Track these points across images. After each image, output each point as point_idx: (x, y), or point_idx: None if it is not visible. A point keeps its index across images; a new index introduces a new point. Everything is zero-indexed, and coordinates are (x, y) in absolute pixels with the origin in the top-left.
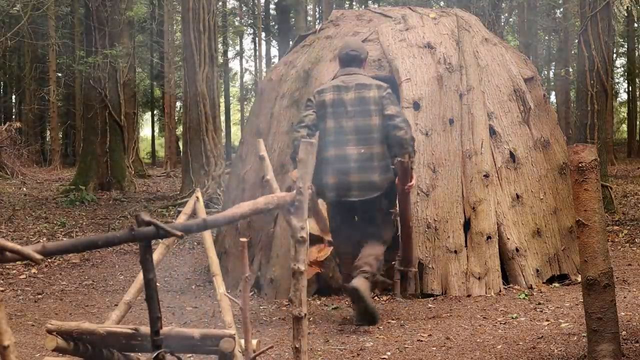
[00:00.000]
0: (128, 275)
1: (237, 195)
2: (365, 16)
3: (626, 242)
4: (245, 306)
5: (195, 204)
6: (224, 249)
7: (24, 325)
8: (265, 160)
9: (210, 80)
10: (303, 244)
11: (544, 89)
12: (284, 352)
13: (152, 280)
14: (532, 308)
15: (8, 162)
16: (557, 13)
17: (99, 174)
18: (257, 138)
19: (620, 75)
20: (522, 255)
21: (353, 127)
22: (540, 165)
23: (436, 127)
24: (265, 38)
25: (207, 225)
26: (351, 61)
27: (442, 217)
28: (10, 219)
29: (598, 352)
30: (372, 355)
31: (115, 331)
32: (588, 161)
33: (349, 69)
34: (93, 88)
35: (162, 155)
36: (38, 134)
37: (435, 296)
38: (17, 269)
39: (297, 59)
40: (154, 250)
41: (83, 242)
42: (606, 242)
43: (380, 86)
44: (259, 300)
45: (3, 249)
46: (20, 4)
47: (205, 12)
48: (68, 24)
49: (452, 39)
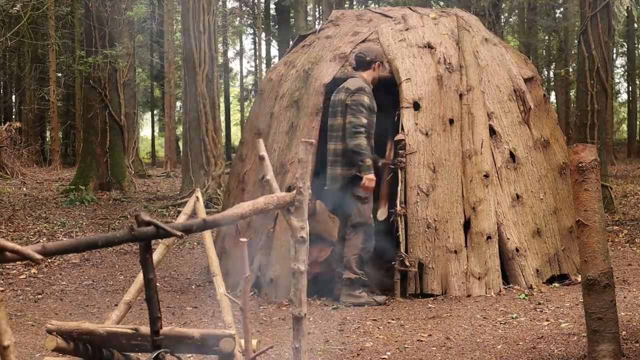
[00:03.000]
0: (128, 275)
1: (237, 195)
2: (365, 16)
3: (626, 242)
4: (245, 306)
5: (195, 204)
6: (224, 249)
7: (24, 325)
8: (265, 160)
9: (210, 80)
10: (303, 244)
11: (544, 89)
12: (284, 352)
13: (152, 280)
14: (532, 308)
15: (8, 162)
16: (557, 13)
17: (99, 174)
18: (257, 138)
19: (620, 75)
20: (522, 255)
21: (330, 125)
22: (540, 165)
23: (436, 127)
24: (265, 38)
25: (207, 225)
26: (356, 64)
27: (442, 217)
28: (10, 219)
29: (598, 352)
30: (372, 355)
31: (115, 331)
32: (588, 161)
33: (353, 71)
34: (93, 88)
35: (162, 155)
36: (38, 134)
37: (435, 296)
38: (17, 269)
39: (297, 59)
40: (154, 250)
41: (83, 242)
42: (606, 242)
43: (347, 90)
44: (259, 300)
45: (3, 249)
46: (20, 3)
47: (205, 12)
48: (68, 24)
49: (452, 39)
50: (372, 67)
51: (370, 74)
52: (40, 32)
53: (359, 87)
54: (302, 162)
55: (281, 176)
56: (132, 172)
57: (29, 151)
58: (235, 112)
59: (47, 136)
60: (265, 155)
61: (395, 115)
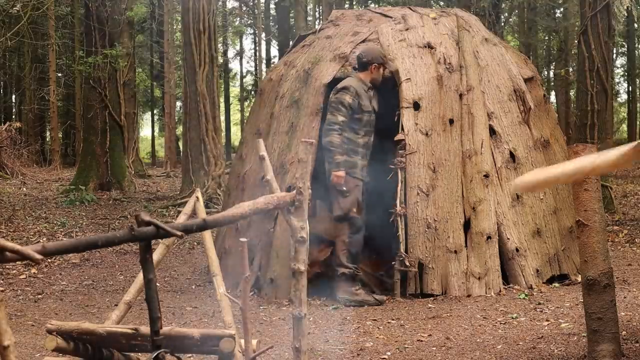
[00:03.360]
0: (128, 275)
1: (237, 195)
2: (365, 16)
3: (626, 242)
4: (245, 306)
5: (195, 204)
6: (224, 249)
7: (24, 325)
8: (265, 160)
9: (210, 80)
10: (303, 244)
11: (544, 89)
12: (284, 352)
13: (152, 280)
14: (532, 308)
15: (8, 162)
16: (557, 13)
17: (99, 174)
18: (257, 138)
19: (620, 75)
20: (522, 255)
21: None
22: (540, 165)
23: (436, 127)
24: (265, 38)
25: (207, 225)
26: (357, 64)
27: (442, 217)
28: (10, 219)
29: (598, 352)
30: (372, 355)
31: (115, 331)
32: None
33: (352, 71)
34: (93, 88)
35: (162, 155)
36: (38, 134)
37: (435, 296)
38: (17, 269)
39: (297, 59)
40: (154, 250)
41: (83, 242)
42: (606, 242)
43: (334, 89)
44: (259, 300)
45: (3, 249)
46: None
47: (205, 12)
48: (68, 24)
49: (452, 39)
50: (369, 69)
51: (368, 75)
52: (40, 32)
53: (344, 86)
54: (302, 162)
55: (281, 176)
56: (132, 172)
57: (29, 151)
58: (235, 112)
59: (47, 136)
60: (265, 155)
61: (396, 115)
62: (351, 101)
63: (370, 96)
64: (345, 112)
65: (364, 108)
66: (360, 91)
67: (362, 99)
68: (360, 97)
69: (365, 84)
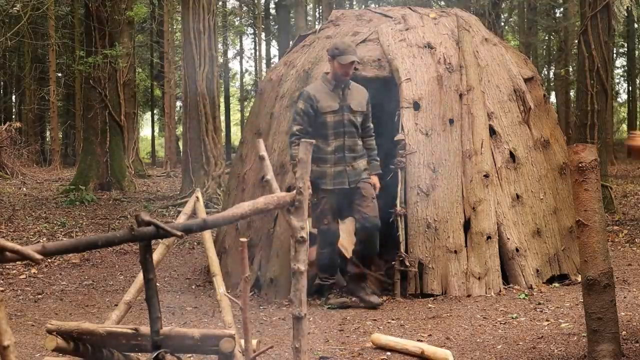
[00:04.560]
0: (128, 275)
1: (237, 195)
2: (365, 16)
3: (626, 242)
4: (245, 306)
5: (195, 204)
6: (224, 249)
7: (24, 325)
8: (265, 160)
9: (210, 80)
10: (303, 244)
11: (544, 89)
12: (284, 352)
13: (152, 280)
14: (532, 308)
15: (8, 162)
16: (557, 13)
17: (99, 174)
18: (257, 138)
19: (620, 75)
20: (522, 255)
21: None
22: (540, 165)
23: (436, 127)
24: (265, 38)
25: (207, 225)
26: None
27: (442, 217)
28: (10, 219)
29: (598, 352)
30: (372, 355)
31: (115, 331)
32: (588, 161)
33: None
34: (93, 88)
35: (162, 155)
36: (38, 134)
37: (435, 296)
38: (17, 269)
39: (297, 59)
40: (154, 250)
41: (83, 242)
42: (606, 242)
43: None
44: (259, 300)
45: (3, 249)
46: (20, 3)
47: (205, 12)
48: (68, 24)
49: (452, 39)
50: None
51: (330, 71)
52: (40, 32)
53: (300, 92)
54: (302, 162)
55: (281, 176)
56: (132, 172)
57: (29, 151)
58: (235, 112)
59: (47, 136)
60: (265, 155)
61: (396, 115)
62: (303, 107)
63: (339, 94)
64: (300, 119)
65: (323, 110)
66: (318, 93)
67: (320, 101)
68: (315, 100)
69: (330, 82)
